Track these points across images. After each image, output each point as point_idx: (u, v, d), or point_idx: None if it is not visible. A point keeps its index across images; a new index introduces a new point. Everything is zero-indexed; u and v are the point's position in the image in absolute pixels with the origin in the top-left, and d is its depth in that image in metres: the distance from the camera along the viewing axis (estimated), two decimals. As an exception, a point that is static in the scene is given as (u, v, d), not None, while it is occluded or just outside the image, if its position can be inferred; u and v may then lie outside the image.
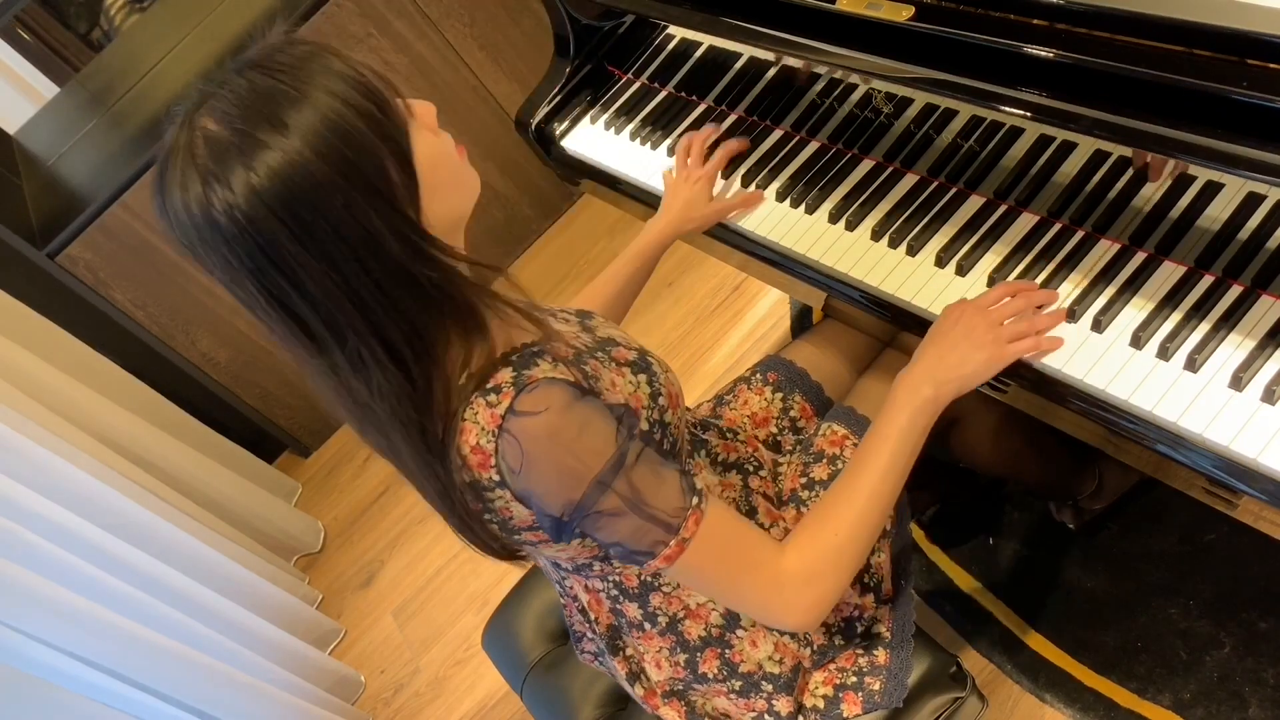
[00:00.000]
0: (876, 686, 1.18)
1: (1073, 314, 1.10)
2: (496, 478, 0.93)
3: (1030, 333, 1.09)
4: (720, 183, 1.48)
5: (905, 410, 1.06)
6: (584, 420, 0.92)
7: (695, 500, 0.97)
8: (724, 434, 1.29)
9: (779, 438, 1.37)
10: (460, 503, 0.96)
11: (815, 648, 1.19)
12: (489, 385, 0.91)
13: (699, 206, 1.42)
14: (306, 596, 2.54)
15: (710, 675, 1.16)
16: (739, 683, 1.16)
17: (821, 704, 1.19)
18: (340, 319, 0.87)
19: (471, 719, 2.18)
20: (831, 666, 1.21)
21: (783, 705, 1.17)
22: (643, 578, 1.12)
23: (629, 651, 1.21)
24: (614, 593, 1.14)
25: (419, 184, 0.89)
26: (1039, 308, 1.12)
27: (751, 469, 1.25)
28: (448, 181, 0.93)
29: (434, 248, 0.90)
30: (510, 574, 2.32)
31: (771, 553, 1.00)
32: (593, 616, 1.19)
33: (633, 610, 1.15)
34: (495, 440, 0.91)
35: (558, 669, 1.44)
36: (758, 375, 1.42)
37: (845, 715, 1.18)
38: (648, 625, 1.15)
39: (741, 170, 1.48)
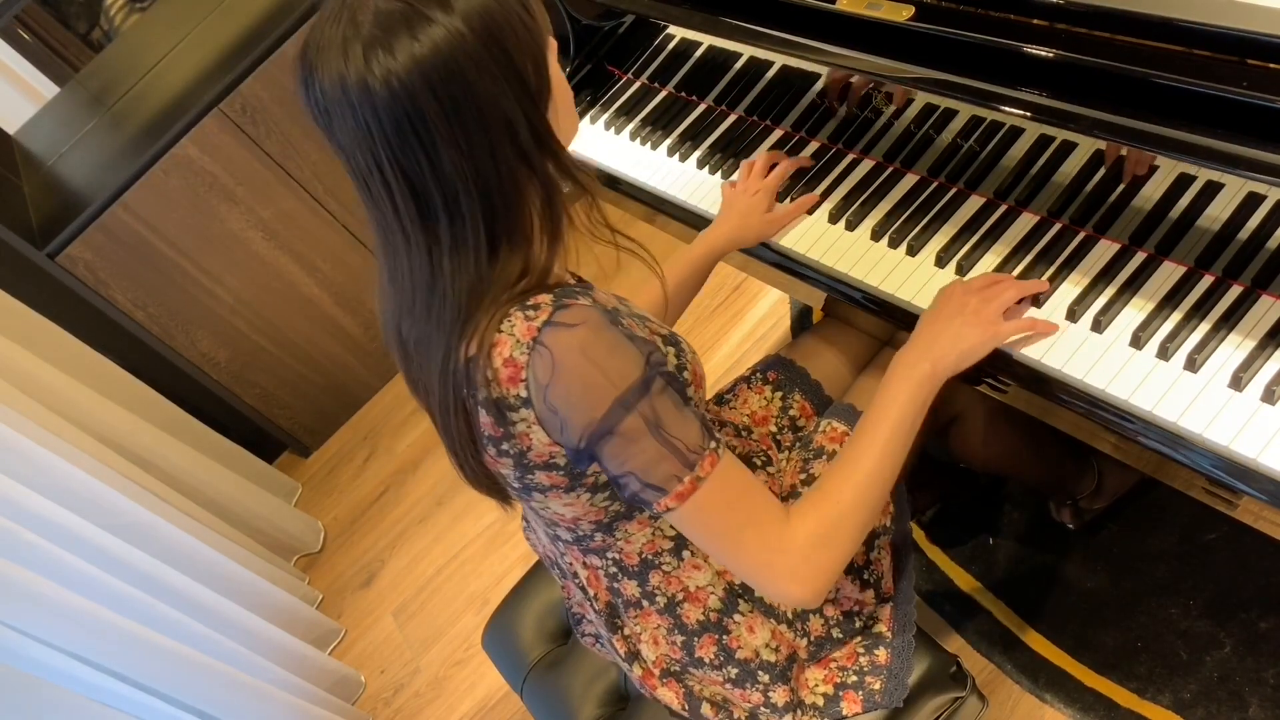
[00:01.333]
0: (877, 686, 1.18)
1: (1073, 314, 1.10)
2: (524, 394, 0.94)
3: (1021, 292, 1.11)
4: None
5: (904, 386, 1.07)
6: (615, 342, 0.94)
7: (713, 444, 0.98)
8: (739, 431, 1.30)
9: (779, 436, 1.37)
10: (462, 435, 0.99)
11: (812, 638, 1.20)
12: (529, 303, 0.94)
13: (756, 218, 1.39)
14: (306, 596, 2.54)
15: (707, 660, 1.16)
16: (735, 670, 1.16)
17: (821, 702, 1.19)
18: (461, 198, 0.91)
19: (471, 719, 2.18)
20: (832, 665, 1.21)
21: (779, 695, 1.17)
22: (642, 554, 1.12)
23: (626, 631, 1.21)
24: (612, 570, 1.14)
25: (551, 92, 0.95)
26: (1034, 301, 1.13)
27: (760, 463, 1.26)
28: (564, 107, 0.99)
29: (561, 151, 0.96)
30: (510, 574, 2.32)
31: (779, 513, 1.00)
32: (591, 593, 1.19)
33: (631, 588, 1.15)
34: (529, 353, 0.92)
35: (558, 669, 1.44)
36: (757, 374, 1.42)
37: (845, 714, 1.18)
38: (646, 603, 1.15)
39: (741, 170, 1.48)
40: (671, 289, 1.38)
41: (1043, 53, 1.05)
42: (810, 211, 1.38)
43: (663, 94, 1.66)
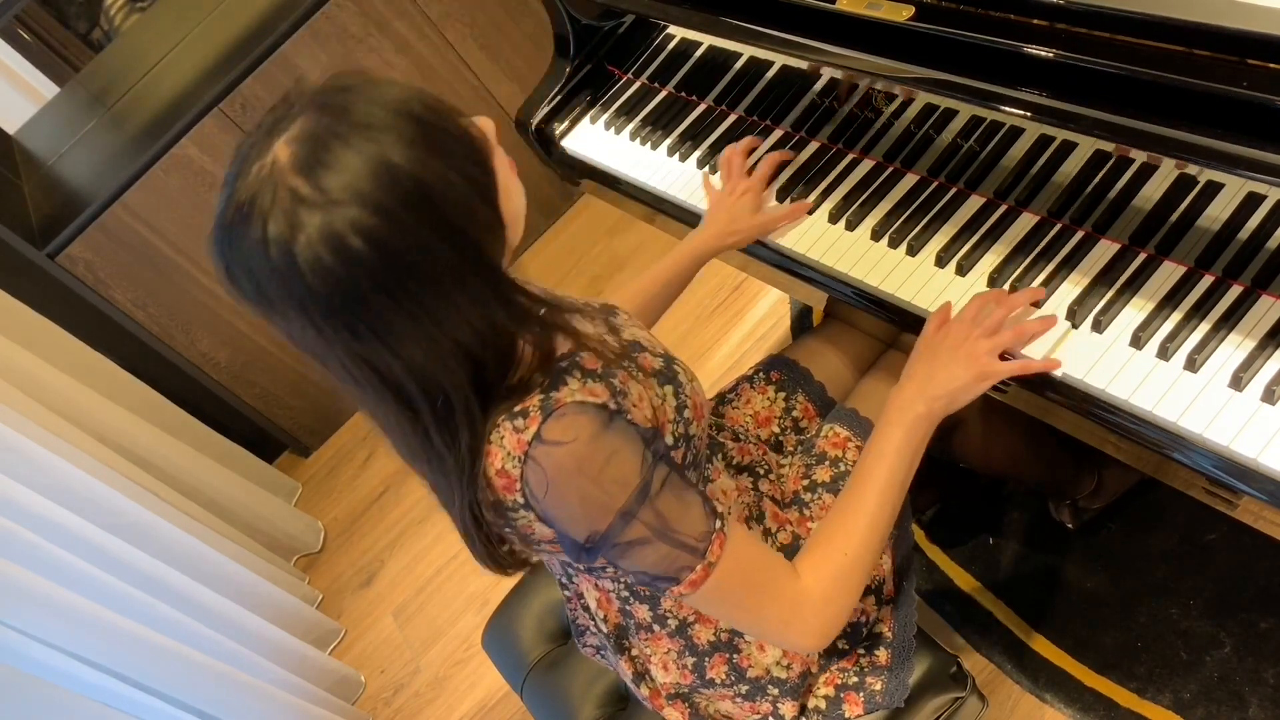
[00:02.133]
0: (878, 686, 1.18)
1: (1073, 314, 1.10)
2: (521, 500, 0.93)
3: (1019, 341, 1.09)
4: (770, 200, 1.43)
5: (900, 427, 1.07)
6: (611, 450, 0.91)
7: (718, 524, 0.97)
8: (736, 436, 1.29)
9: (781, 437, 1.37)
10: (485, 534, 0.96)
11: (822, 653, 1.19)
12: (517, 409, 0.90)
13: (744, 220, 1.37)
14: (306, 596, 2.53)
15: (718, 680, 1.16)
16: (746, 687, 1.16)
17: (823, 704, 1.19)
18: (439, 376, 0.86)
19: (471, 719, 2.18)
20: (833, 667, 1.21)
21: (787, 709, 1.17)
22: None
23: (635, 652, 1.21)
24: (624, 594, 1.14)
25: (503, 224, 0.87)
26: (1034, 306, 1.13)
27: (762, 472, 1.26)
28: (515, 210, 0.91)
29: (513, 291, 0.89)
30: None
31: (789, 576, 1.00)
32: (601, 615, 1.19)
33: (643, 612, 1.15)
34: (521, 466, 0.90)
35: (558, 669, 1.44)
36: (760, 374, 1.42)
37: (847, 715, 1.18)
38: (657, 627, 1.15)
39: (741, 170, 1.48)
40: (654, 292, 1.38)
41: (1043, 53, 1.05)
42: (810, 211, 1.38)
43: (663, 94, 1.66)
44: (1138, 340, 1.05)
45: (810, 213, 1.38)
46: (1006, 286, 1.17)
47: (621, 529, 0.92)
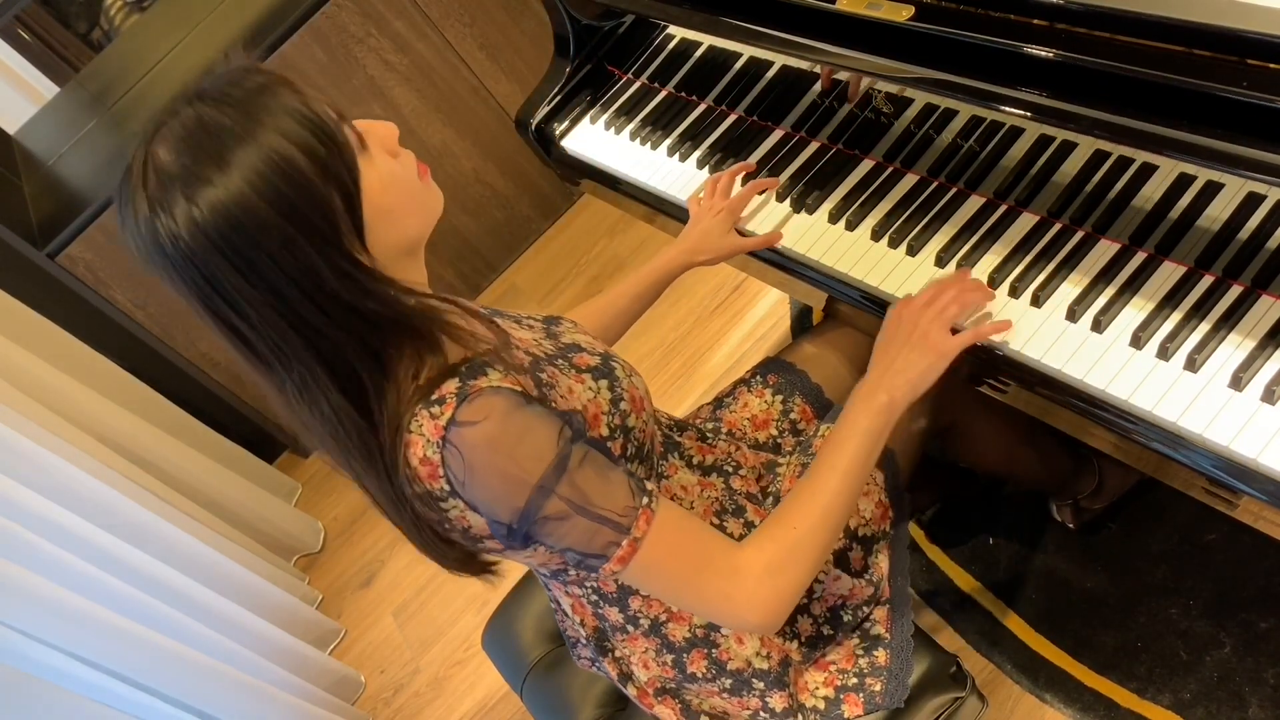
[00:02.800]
0: (878, 687, 1.18)
1: (1073, 314, 1.10)
2: (447, 488, 0.93)
3: (962, 312, 1.12)
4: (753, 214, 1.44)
5: (863, 414, 1.07)
6: (524, 427, 0.92)
7: (645, 500, 0.97)
8: (702, 436, 1.29)
9: (779, 440, 1.37)
10: (412, 515, 0.97)
11: (804, 639, 1.19)
12: (434, 397, 0.92)
13: (715, 238, 1.39)
14: (306, 596, 2.53)
15: (700, 675, 1.16)
16: (729, 681, 1.16)
17: (822, 705, 1.19)
18: (285, 347, 0.89)
19: (471, 719, 2.18)
20: (831, 668, 1.21)
21: (777, 701, 1.17)
22: (620, 583, 1.11)
23: (617, 653, 1.21)
24: (594, 598, 1.14)
25: (364, 217, 0.90)
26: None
27: (731, 470, 1.25)
28: (402, 206, 0.94)
29: (375, 281, 0.90)
30: (510, 574, 2.31)
31: (727, 547, 1.00)
32: (578, 619, 1.20)
33: (614, 614, 1.15)
34: (440, 451, 0.91)
35: (557, 669, 1.44)
36: (757, 377, 1.42)
37: (846, 716, 1.18)
38: (631, 628, 1.15)
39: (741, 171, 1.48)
40: (624, 305, 1.38)
41: (1043, 53, 1.05)
42: (811, 212, 1.38)
43: (663, 94, 1.66)
44: (1138, 340, 1.05)
45: (810, 213, 1.38)
46: (1006, 286, 1.17)
47: (540, 504, 0.92)
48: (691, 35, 1.61)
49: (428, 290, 0.97)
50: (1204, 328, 1.03)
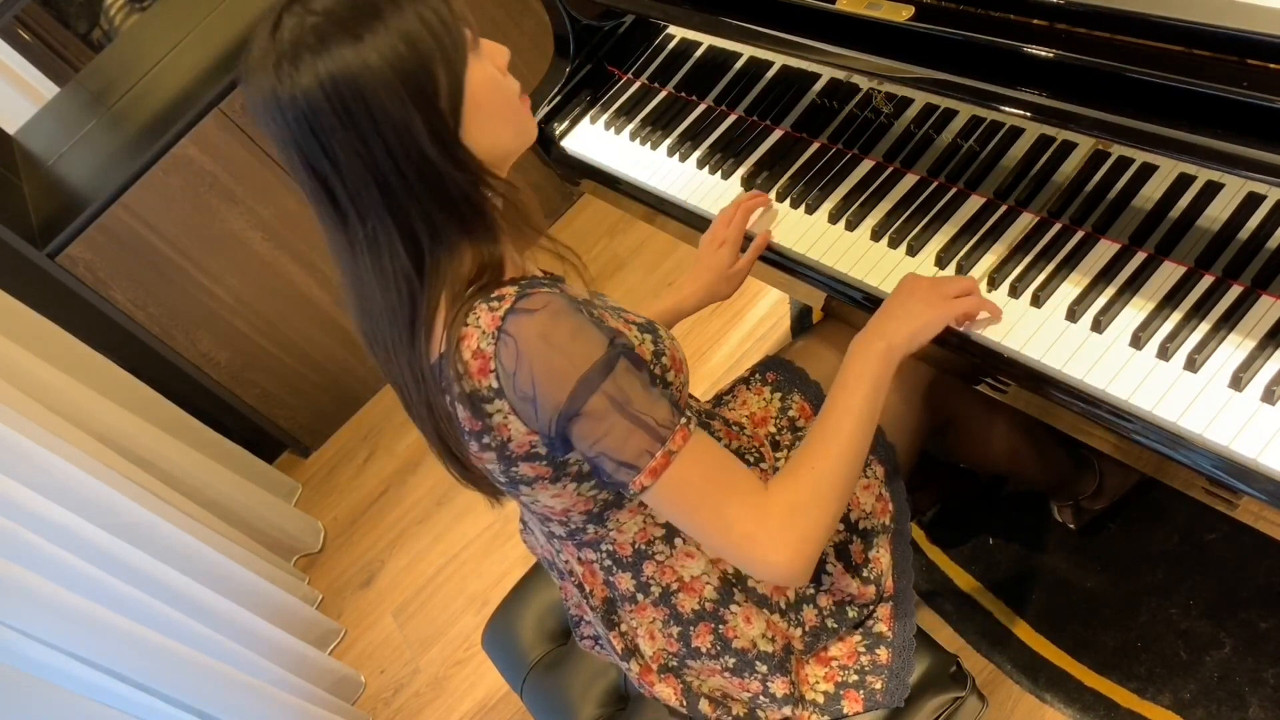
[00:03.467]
0: (878, 685, 1.18)
1: (1073, 314, 1.10)
2: (495, 384, 0.95)
3: (975, 308, 1.14)
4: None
5: (863, 362, 1.10)
6: (577, 326, 0.96)
7: (684, 419, 0.99)
8: (729, 424, 1.30)
9: (778, 437, 1.37)
10: (441, 415, 1.00)
11: (807, 629, 1.20)
12: (494, 295, 0.96)
13: (721, 272, 1.42)
14: (306, 596, 2.54)
15: (703, 650, 1.16)
16: (733, 659, 1.16)
17: (822, 699, 1.19)
18: (365, 198, 0.95)
19: (471, 719, 2.18)
20: (833, 664, 1.21)
21: (778, 687, 1.17)
22: (635, 544, 1.12)
23: (623, 627, 1.21)
24: (607, 563, 1.15)
25: (463, 101, 0.96)
26: None
27: (753, 460, 1.26)
28: (499, 112, 0.99)
29: (465, 154, 0.96)
30: (510, 574, 2.32)
31: (756, 484, 1.01)
32: (588, 589, 1.20)
33: (626, 581, 1.15)
34: (495, 342, 0.94)
35: (558, 669, 1.44)
36: (756, 375, 1.42)
37: (846, 712, 1.18)
38: (640, 596, 1.15)
39: (741, 171, 1.48)
40: None
41: (1043, 53, 1.05)
42: (810, 211, 1.38)
43: (663, 94, 1.66)
44: (1138, 340, 1.05)
45: (810, 213, 1.38)
46: (1006, 285, 1.17)
47: (584, 397, 0.94)
48: (691, 35, 1.61)
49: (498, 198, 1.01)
50: (1204, 328, 1.03)
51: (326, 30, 0.91)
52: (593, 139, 1.70)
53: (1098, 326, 1.08)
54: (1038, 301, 1.14)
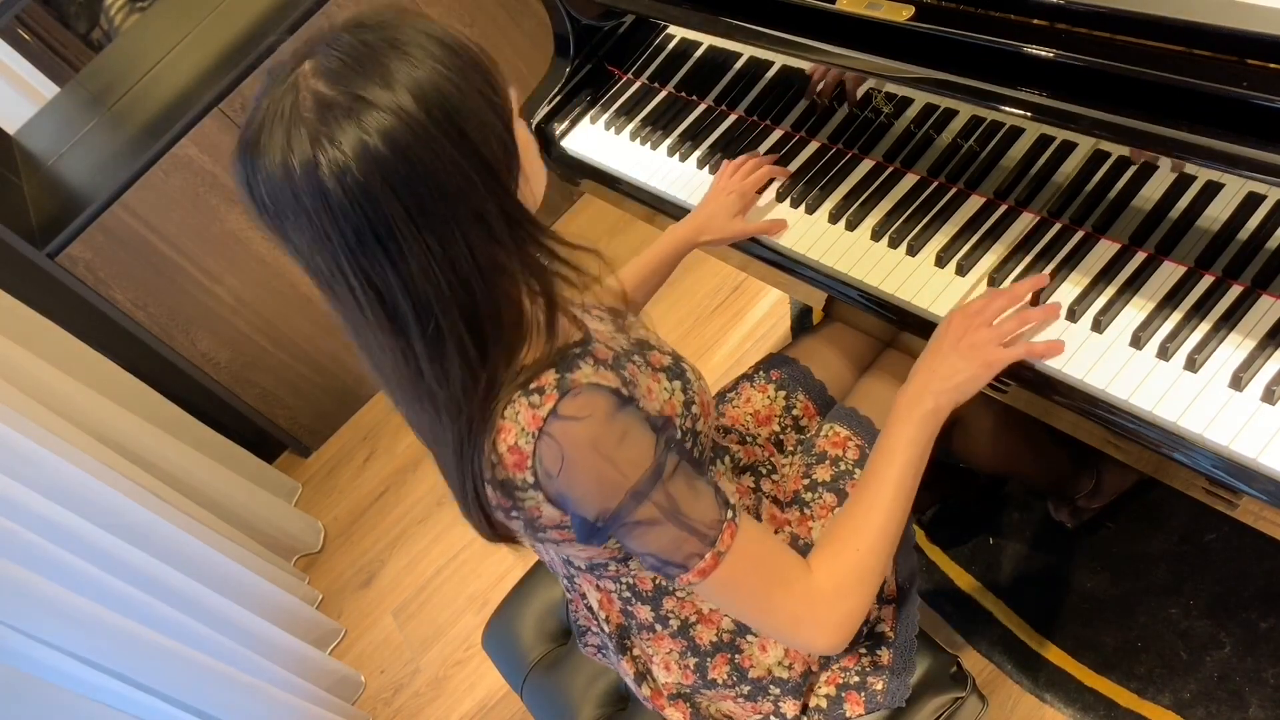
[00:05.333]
0: (879, 686, 1.18)
1: (1073, 314, 1.10)
2: (531, 479, 0.92)
3: (1019, 328, 1.10)
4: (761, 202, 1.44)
5: (908, 423, 1.06)
6: (624, 430, 0.91)
7: (729, 514, 0.97)
8: (743, 439, 1.30)
9: (781, 436, 1.37)
10: (478, 494, 0.96)
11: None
12: (532, 386, 0.90)
13: (720, 219, 1.39)
14: (306, 596, 2.53)
15: (720, 681, 1.16)
16: (748, 688, 1.16)
17: (824, 703, 1.19)
18: (432, 299, 0.84)
19: (471, 719, 2.18)
20: (834, 666, 1.21)
21: (789, 708, 1.17)
22: (657, 581, 1.11)
23: (636, 652, 1.21)
24: (626, 594, 1.14)
25: (519, 164, 0.87)
26: (1034, 301, 1.12)
27: (765, 472, 1.26)
28: (532, 171, 0.92)
29: (537, 228, 0.88)
30: (510, 574, 2.32)
31: (802, 569, 1.00)
32: (602, 615, 1.19)
33: (645, 613, 1.15)
34: (535, 442, 0.90)
35: (558, 669, 1.44)
36: (761, 373, 1.42)
37: (848, 715, 1.18)
38: (659, 628, 1.15)
39: (741, 170, 1.48)
40: (637, 281, 1.39)
41: (1043, 53, 1.05)
42: (810, 211, 1.38)
43: (663, 94, 1.66)
44: (1138, 340, 1.05)
45: (810, 213, 1.38)
46: (1005, 286, 1.17)
47: (633, 509, 0.92)
48: (691, 35, 1.61)
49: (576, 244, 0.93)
50: (1204, 328, 1.03)
51: (359, 90, 0.78)
52: (593, 139, 1.70)
53: (1098, 326, 1.08)
54: (1037, 301, 1.14)
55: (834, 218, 1.35)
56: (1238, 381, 0.98)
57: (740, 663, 1.15)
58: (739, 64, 1.56)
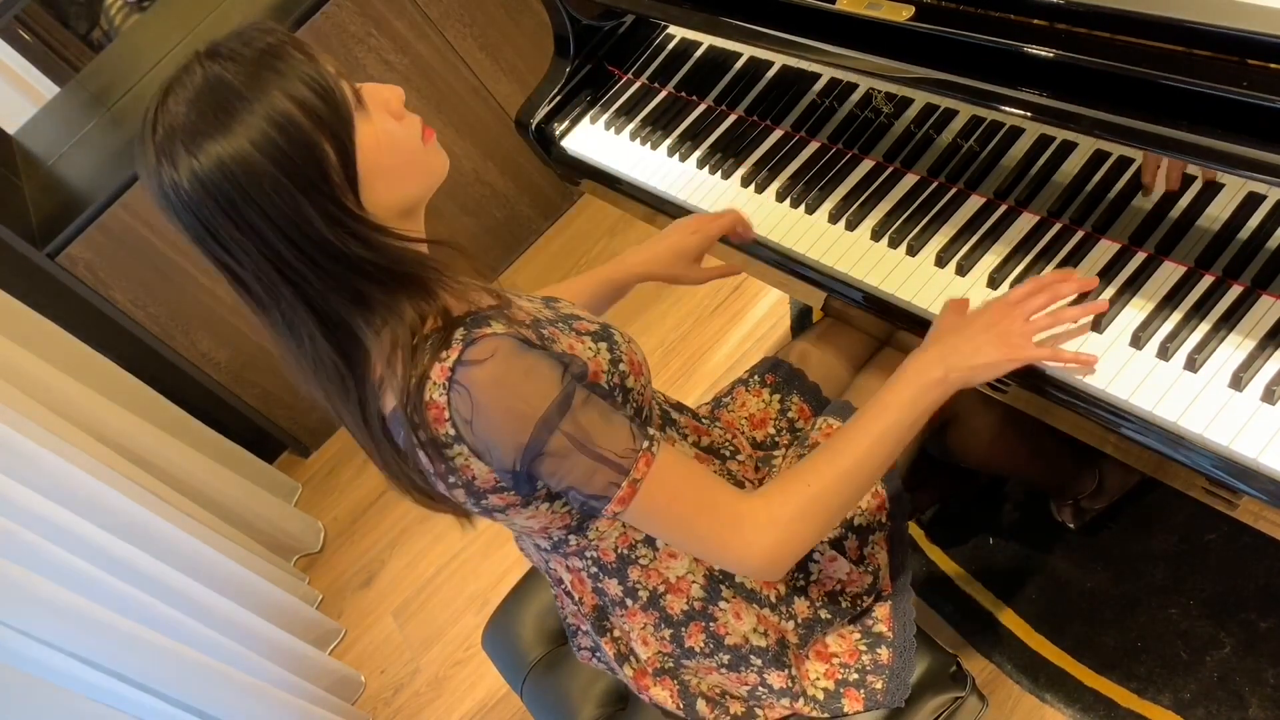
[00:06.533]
0: (879, 685, 1.18)
1: (1073, 314, 1.10)
2: (453, 432, 0.95)
3: (1053, 327, 1.07)
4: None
5: (912, 385, 1.06)
6: (529, 366, 0.95)
7: (645, 444, 0.99)
8: (698, 419, 1.30)
9: (776, 439, 1.37)
10: (402, 460, 1.00)
11: (800, 621, 1.20)
12: (440, 344, 0.95)
13: (684, 259, 1.38)
14: (306, 596, 2.54)
15: (697, 649, 1.16)
16: (727, 656, 1.16)
17: (821, 696, 1.19)
18: (273, 287, 0.94)
19: (471, 719, 2.18)
20: (834, 660, 1.21)
21: (775, 679, 1.17)
22: (619, 550, 1.12)
23: (616, 632, 1.21)
24: (593, 570, 1.15)
25: (358, 173, 0.94)
26: (1077, 301, 1.10)
27: (729, 454, 1.26)
28: (399, 167, 0.97)
29: (365, 227, 0.94)
30: (510, 574, 2.32)
31: (729, 494, 1.01)
32: (577, 597, 1.20)
33: (613, 587, 1.15)
34: (447, 393, 0.93)
35: (558, 669, 1.44)
36: (755, 377, 1.42)
37: (846, 711, 1.18)
38: (629, 601, 1.15)
39: (741, 171, 1.48)
40: (586, 297, 1.37)
41: (1043, 53, 1.05)
42: (810, 211, 1.38)
43: (663, 94, 1.66)
44: (1138, 340, 1.05)
45: (810, 213, 1.38)
46: (1006, 286, 1.17)
47: (544, 439, 0.94)
48: (691, 35, 1.61)
49: (422, 244, 1.00)
50: (1204, 328, 1.03)
51: (194, 127, 0.89)
52: (593, 139, 1.70)
53: (1098, 326, 1.08)
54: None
55: (834, 218, 1.35)
56: (1238, 381, 0.98)
57: (715, 630, 1.15)
58: (739, 64, 1.56)
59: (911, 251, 1.26)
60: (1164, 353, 1.03)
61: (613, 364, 1.06)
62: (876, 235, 1.30)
